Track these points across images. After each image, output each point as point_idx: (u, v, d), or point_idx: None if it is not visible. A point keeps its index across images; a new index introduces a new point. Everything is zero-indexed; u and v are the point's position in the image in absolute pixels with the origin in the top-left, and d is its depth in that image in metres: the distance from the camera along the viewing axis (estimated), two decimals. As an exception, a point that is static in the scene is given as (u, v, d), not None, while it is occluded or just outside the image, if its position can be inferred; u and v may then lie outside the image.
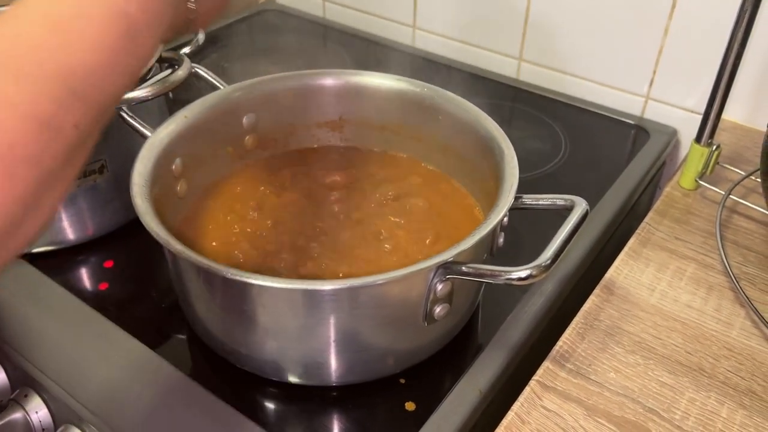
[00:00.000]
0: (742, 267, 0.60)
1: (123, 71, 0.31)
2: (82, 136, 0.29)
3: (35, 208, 0.27)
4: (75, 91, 0.28)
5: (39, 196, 0.27)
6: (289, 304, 0.46)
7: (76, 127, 0.28)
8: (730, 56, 0.61)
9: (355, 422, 0.50)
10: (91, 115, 0.29)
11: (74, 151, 0.29)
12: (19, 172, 0.25)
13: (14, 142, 0.25)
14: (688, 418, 0.47)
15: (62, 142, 0.27)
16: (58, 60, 0.28)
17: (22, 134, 0.25)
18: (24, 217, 0.27)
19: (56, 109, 0.27)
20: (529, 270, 0.43)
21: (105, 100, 0.30)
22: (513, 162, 0.53)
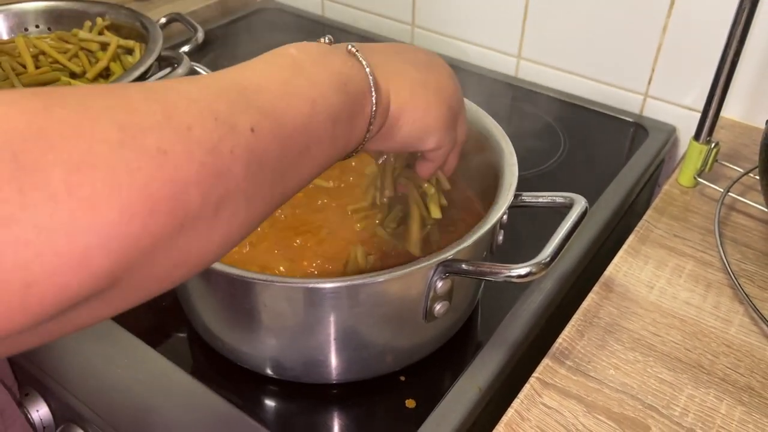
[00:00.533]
0: (741, 264, 0.60)
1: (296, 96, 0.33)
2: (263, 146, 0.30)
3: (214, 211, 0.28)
4: (249, 99, 0.31)
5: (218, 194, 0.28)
6: (290, 302, 0.46)
7: (252, 131, 0.30)
8: (729, 54, 0.62)
9: (356, 420, 0.50)
10: (270, 127, 0.31)
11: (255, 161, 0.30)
12: (197, 154, 0.27)
13: (192, 125, 0.27)
14: (688, 415, 0.47)
15: (238, 141, 0.29)
16: (236, 78, 0.32)
17: (199, 120, 0.27)
18: (200, 214, 0.27)
19: (230, 108, 0.29)
20: (529, 267, 0.43)
21: (284, 119, 0.32)
22: (512, 160, 0.53)
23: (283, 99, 0.33)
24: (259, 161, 0.30)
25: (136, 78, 0.63)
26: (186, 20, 0.77)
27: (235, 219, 0.29)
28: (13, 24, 0.77)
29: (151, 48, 0.68)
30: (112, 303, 0.26)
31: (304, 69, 0.35)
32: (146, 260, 0.25)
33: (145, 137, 0.25)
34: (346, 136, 0.37)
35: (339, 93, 0.36)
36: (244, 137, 0.29)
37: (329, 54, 0.38)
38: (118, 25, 0.76)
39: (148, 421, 0.49)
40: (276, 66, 0.35)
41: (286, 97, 0.33)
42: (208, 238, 0.28)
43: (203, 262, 0.29)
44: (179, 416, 0.49)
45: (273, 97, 0.32)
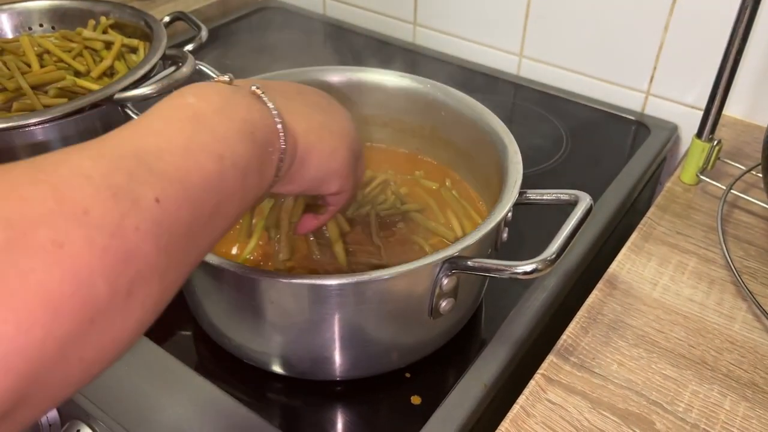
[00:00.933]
0: (744, 261, 0.61)
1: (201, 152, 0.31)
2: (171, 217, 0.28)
3: (126, 296, 0.25)
4: (150, 166, 0.28)
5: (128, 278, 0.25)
6: (296, 299, 0.46)
7: (158, 202, 0.27)
8: (732, 52, 0.62)
9: (361, 416, 0.50)
10: (176, 194, 0.28)
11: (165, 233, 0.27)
12: (99, 239, 0.24)
13: (89, 208, 0.25)
14: (692, 411, 0.48)
15: (143, 216, 0.26)
16: (132, 142, 0.29)
17: (96, 200, 0.25)
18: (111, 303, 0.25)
19: (129, 181, 0.27)
20: (535, 264, 0.43)
21: (192, 181, 0.29)
22: (516, 158, 0.53)
23: (188, 159, 0.30)
24: (170, 232, 0.28)
25: (141, 76, 0.63)
26: (190, 19, 0.77)
27: (150, 298, 0.27)
28: (18, 23, 0.77)
29: (155, 47, 0.68)
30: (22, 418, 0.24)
31: (207, 121, 0.32)
32: (55, 366, 0.23)
33: (37, 231, 0.23)
34: (257, 186, 0.35)
35: (247, 143, 0.34)
36: (149, 210, 0.27)
37: (232, 99, 0.35)
38: (122, 24, 0.77)
39: (155, 419, 0.49)
40: (175, 122, 0.32)
41: (190, 156, 0.30)
42: (122, 326, 0.26)
43: (120, 350, 0.27)
44: (185, 413, 0.49)
45: (176, 159, 0.29)
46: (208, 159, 0.31)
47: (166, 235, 0.27)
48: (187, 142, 0.31)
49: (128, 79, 0.62)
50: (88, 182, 0.25)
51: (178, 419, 0.49)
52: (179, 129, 0.31)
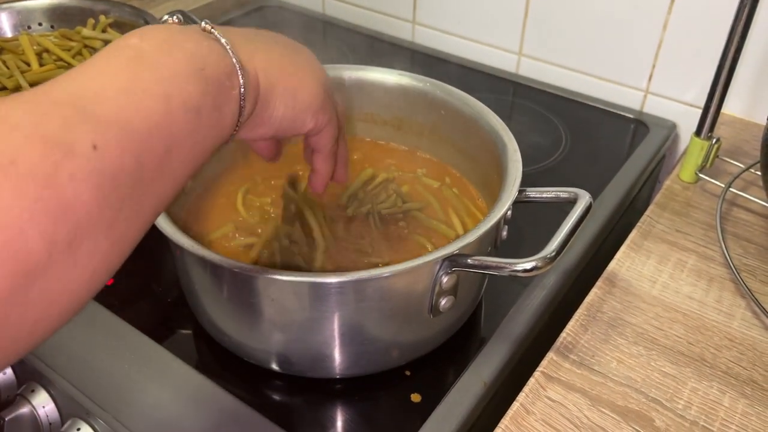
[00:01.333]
0: (743, 259, 0.61)
1: (143, 93, 0.29)
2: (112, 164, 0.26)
3: (67, 249, 0.24)
4: (86, 111, 0.26)
5: (67, 230, 0.24)
6: (296, 297, 0.46)
7: (95, 149, 0.26)
8: (731, 49, 0.62)
9: (362, 414, 0.50)
10: (116, 138, 0.27)
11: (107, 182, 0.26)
12: (28, 190, 0.23)
13: (16, 158, 0.23)
14: (691, 408, 0.48)
15: (79, 164, 0.25)
16: (69, 87, 0.27)
17: (25, 150, 0.24)
18: (50, 257, 0.24)
19: (62, 127, 0.25)
20: (535, 262, 0.43)
21: (135, 125, 0.28)
22: (516, 156, 0.53)
23: (129, 102, 0.28)
24: (113, 180, 0.26)
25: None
26: (189, 18, 0.77)
27: (97, 252, 0.26)
28: (17, 22, 0.77)
29: (154, 45, 0.68)
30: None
31: (150, 60, 0.30)
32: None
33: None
34: (217, 126, 0.33)
35: (196, 80, 0.31)
36: (85, 158, 0.25)
37: (177, 36, 0.32)
38: (122, 23, 0.77)
39: (155, 416, 0.49)
40: (115, 63, 0.30)
41: (131, 98, 0.28)
42: (69, 279, 0.25)
43: (73, 305, 0.26)
44: (185, 411, 0.50)
45: (115, 102, 0.28)
46: (152, 100, 0.29)
47: (109, 184, 0.26)
48: (128, 84, 0.29)
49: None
50: (17, 131, 0.24)
51: (177, 417, 0.49)
52: (119, 70, 0.29)
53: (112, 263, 0.27)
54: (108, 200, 0.26)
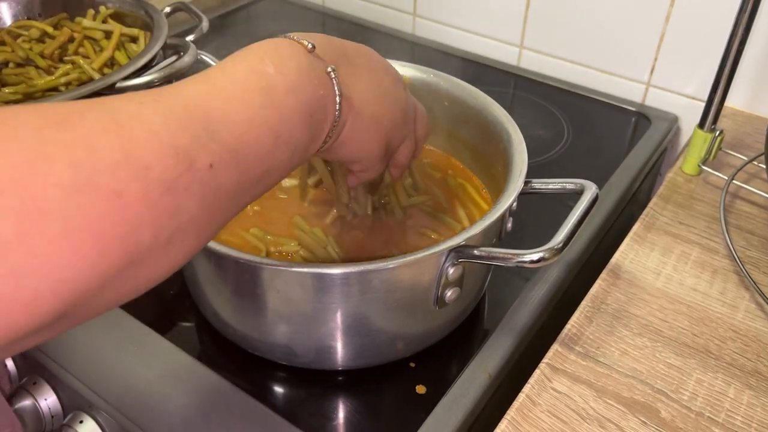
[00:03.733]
0: (746, 251, 0.61)
1: (262, 127, 0.32)
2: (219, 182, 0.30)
3: (165, 245, 0.28)
4: (212, 133, 0.30)
5: (171, 230, 0.28)
6: (301, 288, 0.46)
7: (211, 167, 0.29)
8: (734, 42, 0.62)
9: (367, 406, 0.50)
10: (229, 162, 0.30)
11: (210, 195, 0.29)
12: (153, 194, 0.26)
13: (151, 164, 0.26)
14: (696, 399, 0.48)
15: (195, 177, 0.28)
16: (203, 103, 0.31)
17: (159, 158, 0.27)
18: (151, 250, 0.27)
19: (192, 143, 0.28)
20: (542, 253, 0.43)
21: (246, 152, 0.31)
22: (521, 147, 0.53)
23: (249, 132, 0.32)
24: (215, 195, 0.30)
25: (142, 66, 0.63)
26: (191, 9, 0.76)
27: (185, 249, 0.29)
28: (17, 12, 0.76)
29: (156, 36, 0.67)
30: (56, 330, 0.26)
31: (276, 98, 0.34)
32: (94, 296, 0.26)
33: (101, 179, 0.25)
34: (301, 158, 0.37)
35: (304, 125, 0.35)
36: (201, 173, 0.29)
37: (306, 78, 0.36)
38: (122, 14, 0.76)
39: (158, 408, 0.49)
40: (248, 91, 0.33)
41: (251, 129, 0.32)
42: (156, 268, 0.28)
43: (149, 286, 0.29)
44: (189, 403, 0.49)
45: (238, 129, 0.31)
46: (266, 135, 0.32)
47: (212, 196, 0.29)
48: (253, 116, 0.32)
49: (130, 68, 0.62)
50: (155, 139, 0.27)
51: (181, 409, 0.49)
52: (249, 100, 0.32)
53: (188, 257, 0.31)
54: (206, 211, 0.30)
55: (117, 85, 0.60)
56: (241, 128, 0.31)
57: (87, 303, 0.26)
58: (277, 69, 0.34)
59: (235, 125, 0.31)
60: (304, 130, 0.35)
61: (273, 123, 0.33)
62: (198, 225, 0.29)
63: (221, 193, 0.30)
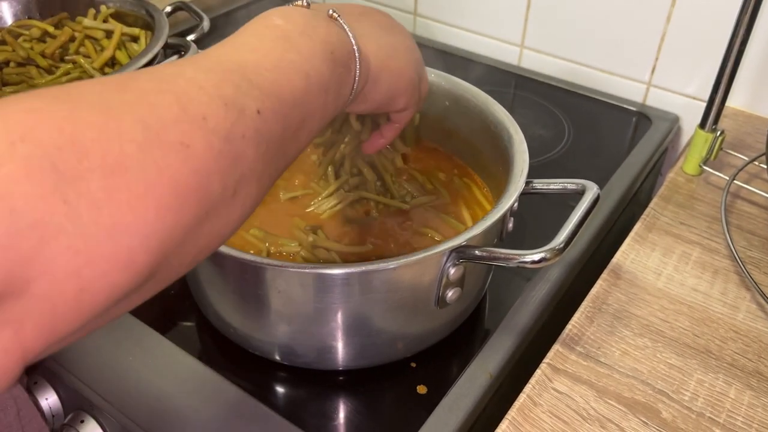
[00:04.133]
0: (747, 251, 0.61)
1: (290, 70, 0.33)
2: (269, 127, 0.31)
3: (232, 196, 0.29)
4: (250, 80, 0.31)
5: (235, 178, 0.29)
6: (302, 288, 0.46)
7: (258, 113, 0.30)
8: (736, 42, 0.62)
9: (367, 406, 0.50)
10: (272, 107, 0.31)
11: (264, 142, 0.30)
12: (216, 143, 0.27)
13: (207, 114, 0.28)
14: (697, 399, 0.48)
15: (247, 125, 0.29)
16: (234, 57, 0.32)
17: (211, 109, 0.28)
18: (221, 200, 0.28)
19: (236, 92, 0.29)
20: (543, 253, 0.43)
21: (284, 95, 0.32)
22: (522, 147, 0.53)
23: (281, 76, 0.33)
24: (267, 141, 0.31)
25: (143, 65, 0.63)
26: (192, 9, 0.76)
27: (249, 198, 0.31)
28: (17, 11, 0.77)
29: (157, 35, 0.67)
30: (145, 293, 0.27)
31: (294, 41, 0.35)
32: (178, 249, 0.26)
33: (168, 133, 0.26)
34: (335, 103, 0.38)
35: (328, 63, 0.36)
36: (252, 120, 0.30)
37: (313, 21, 0.37)
38: (123, 13, 0.76)
39: (159, 408, 0.49)
40: (267, 40, 0.34)
41: (283, 73, 0.33)
42: (227, 219, 0.30)
43: (222, 240, 0.31)
44: (190, 402, 0.49)
45: (271, 75, 0.32)
46: (297, 77, 0.34)
47: (264, 143, 0.31)
48: (279, 60, 0.33)
49: (131, 68, 0.62)
50: (203, 92, 0.28)
51: (182, 409, 0.49)
52: (271, 47, 0.34)
53: (252, 209, 0.32)
54: (263, 157, 0.31)
55: (118, 84, 0.60)
56: (273, 74, 0.32)
57: (171, 258, 0.26)
58: (285, 20, 0.36)
59: (267, 71, 0.32)
60: (329, 67, 0.36)
61: (299, 64, 0.34)
62: (257, 173, 0.30)
63: (272, 139, 0.31)
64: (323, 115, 0.37)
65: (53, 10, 0.77)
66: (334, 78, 0.37)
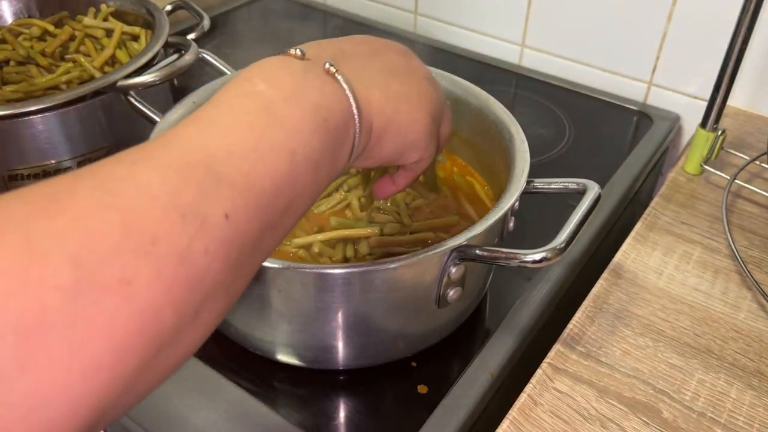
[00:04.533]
0: (748, 251, 0.61)
1: (272, 152, 0.28)
2: (241, 231, 0.26)
3: (193, 318, 0.24)
4: (219, 176, 0.26)
5: (196, 302, 0.24)
6: (302, 288, 0.46)
7: (227, 218, 0.25)
8: (737, 41, 0.62)
9: (368, 405, 0.50)
10: (246, 205, 0.26)
11: (235, 250, 0.26)
12: (167, 270, 0.23)
13: (157, 235, 0.23)
14: (698, 399, 0.48)
15: (212, 236, 0.25)
16: (200, 144, 0.27)
17: (164, 226, 0.23)
18: (178, 329, 0.24)
19: (198, 197, 0.25)
20: (544, 253, 0.43)
21: (262, 186, 0.27)
22: (524, 146, 0.53)
23: (260, 163, 0.28)
24: (239, 246, 0.26)
25: (143, 64, 0.63)
26: (192, 8, 0.76)
27: (216, 312, 0.26)
28: (17, 9, 0.77)
29: (157, 34, 0.67)
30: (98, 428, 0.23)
31: (277, 112, 0.30)
32: (121, 397, 0.23)
33: (105, 269, 0.21)
34: (329, 175, 0.33)
35: (320, 133, 0.31)
36: (218, 229, 0.25)
37: (304, 82, 0.32)
38: (123, 12, 0.76)
39: (160, 408, 0.49)
40: (244, 115, 0.29)
41: (261, 158, 0.28)
42: (191, 341, 0.26)
43: (186, 359, 0.27)
44: (189, 402, 0.49)
45: (246, 164, 0.27)
46: (279, 158, 0.29)
47: (236, 251, 0.26)
48: (257, 143, 0.28)
49: (131, 66, 0.62)
50: (156, 204, 0.24)
51: (181, 408, 0.49)
52: (248, 125, 0.29)
53: (224, 315, 0.28)
54: (233, 266, 0.26)
55: (118, 83, 0.60)
56: (249, 162, 0.27)
57: (116, 405, 0.23)
58: (268, 84, 0.31)
59: (242, 161, 0.27)
60: (321, 138, 0.31)
61: (283, 142, 0.29)
62: (225, 285, 0.26)
63: (246, 242, 0.26)
64: (314, 190, 0.32)
65: (53, 9, 0.77)
66: (327, 148, 0.32)
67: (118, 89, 0.61)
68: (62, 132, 0.61)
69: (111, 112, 0.63)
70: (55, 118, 0.60)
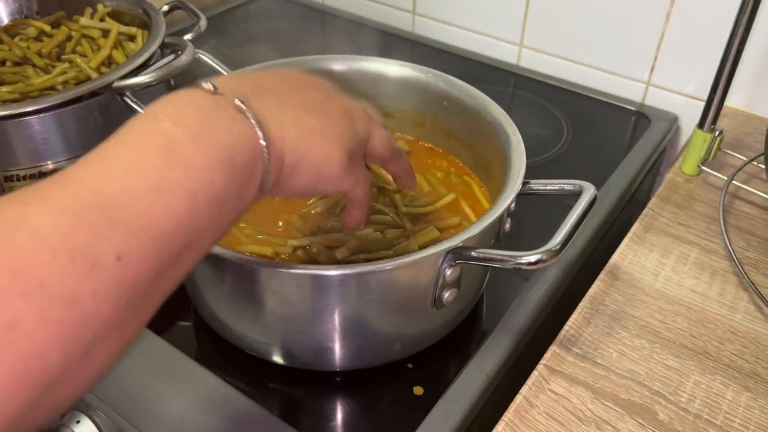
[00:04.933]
0: (745, 252, 0.61)
1: (171, 192, 0.28)
2: (133, 272, 0.26)
3: (82, 358, 0.24)
4: (113, 218, 0.26)
5: (85, 343, 0.24)
6: (298, 289, 0.46)
7: (119, 260, 0.25)
8: (735, 42, 0.62)
9: (364, 407, 0.50)
10: (140, 246, 0.26)
11: (127, 291, 0.26)
12: (53, 313, 0.23)
13: (45, 279, 0.23)
14: (694, 401, 0.48)
15: (102, 278, 0.24)
16: (97, 185, 0.27)
17: (53, 270, 0.23)
18: (65, 369, 0.24)
19: (90, 240, 0.25)
20: (540, 254, 0.43)
21: (159, 228, 0.27)
22: (520, 147, 0.53)
23: (157, 204, 0.27)
24: (132, 288, 0.26)
25: (140, 64, 0.63)
26: (189, 8, 0.76)
27: (108, 351, 0.26)
28: (14, 9, 0.76)
29: (154, 35, 0.67)
30: None
31: (180, 152, 0.29)
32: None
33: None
34: (236, 209, 0.33)
35: (224, 171, 0.31)
36: (108, 271, 0.25)
37: (211, 119, 0.31)
38: (120, 12, 0.76)
39: (155, 409, 0.49)
40: (146, 155, 0.28)
41: (159, 199, 0.27)
42: (80, 381, 0.25)
43: (80, 396, 0.26)
44: (186, 403, 0.49)
45: (142, 205, 0.27)
46: (179, 198, 0.28)
47: (128, 292, 0.26)
48: (156, 182, 0.28)
49: (127, 67, 0.62)
50: (46, 248, 0.24)
51: (178, 409, 0.49)
52: (150, 165, 0.28)
53: (119, 354, 0.27)
54: (125, 307, 0.26)
55: (114, 84, 0.60)
56: (145, 203, 0.27)
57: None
58: (174, 121, 0.30)
59: (139, 201, 0.27)
60: (227, 176, 0.31)
61: (184, 182, 0.28)
62: (117, 324, 0.25)
63: (139, 284, 0.26)
64: (219, 226, 0.31)
65: (50, 9, 0.77)
66: (233, 186, 0.31)
67: (115, 90, 0.60)
68: (58, 133, 0.61)
69: (107, 112, 0.63)
70: (52, 119, 0.60)
